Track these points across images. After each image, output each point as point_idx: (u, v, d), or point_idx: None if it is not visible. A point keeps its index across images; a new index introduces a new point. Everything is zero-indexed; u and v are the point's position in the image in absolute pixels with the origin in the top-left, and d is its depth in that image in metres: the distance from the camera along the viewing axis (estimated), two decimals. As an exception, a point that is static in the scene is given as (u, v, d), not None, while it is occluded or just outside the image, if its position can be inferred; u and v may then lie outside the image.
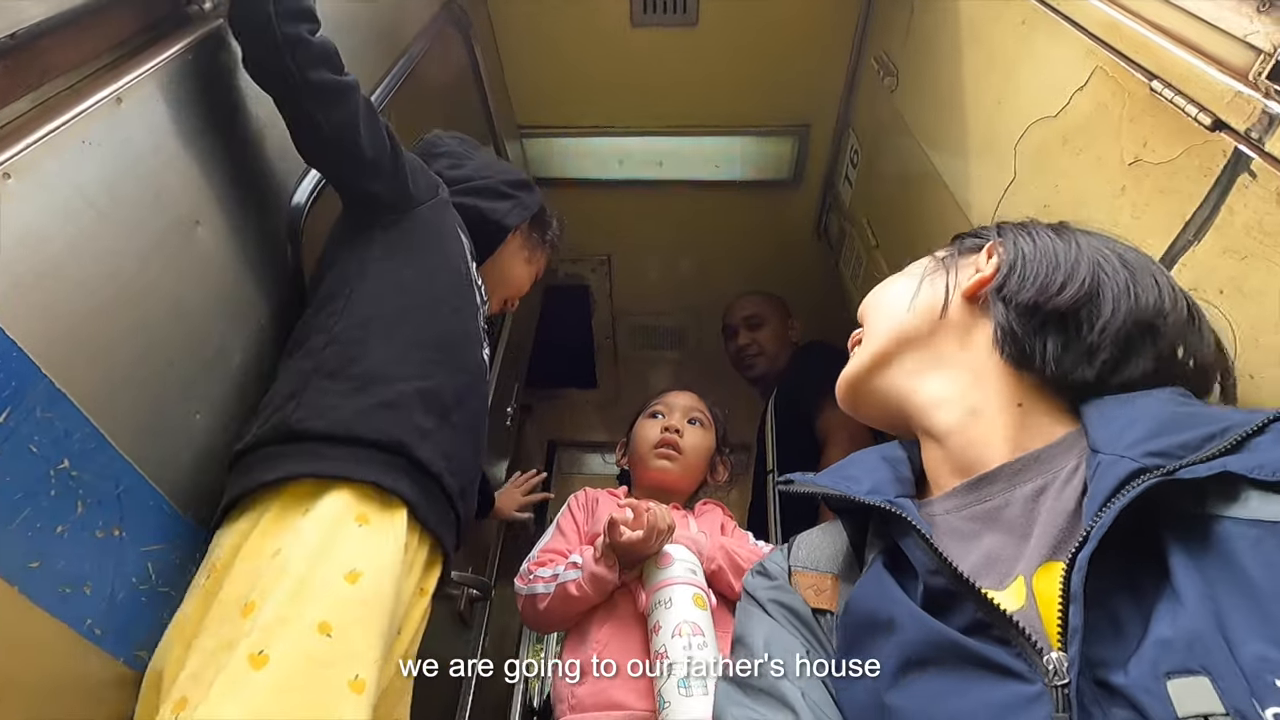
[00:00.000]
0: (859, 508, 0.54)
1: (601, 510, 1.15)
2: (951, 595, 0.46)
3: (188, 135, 0.72)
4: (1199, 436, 0.44)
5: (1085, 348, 0.54)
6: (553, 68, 1.87)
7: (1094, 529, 0.41)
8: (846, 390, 0.65)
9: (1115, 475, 0.43)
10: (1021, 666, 0.41)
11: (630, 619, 1.00)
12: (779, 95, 1.90)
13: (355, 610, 0.64)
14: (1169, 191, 0.72)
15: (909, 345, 0.60)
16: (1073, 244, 0.58)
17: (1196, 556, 0.40)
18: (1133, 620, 0.40)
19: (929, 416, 0.57)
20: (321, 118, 0.79)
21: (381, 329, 0.80)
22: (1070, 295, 0.54)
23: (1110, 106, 0.81)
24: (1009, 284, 0.57)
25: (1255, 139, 0.62)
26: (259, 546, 0.66)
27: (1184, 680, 0.36)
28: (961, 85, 1.21)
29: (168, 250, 0.68)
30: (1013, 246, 0.60)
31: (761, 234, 2.28)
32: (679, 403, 1.32)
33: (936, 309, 0.59)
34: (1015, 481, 0.50)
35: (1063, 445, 0.51)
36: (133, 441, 0.62)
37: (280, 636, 0.59)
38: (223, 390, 0.76)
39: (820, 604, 0.56)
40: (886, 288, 0.66)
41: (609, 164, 2.14)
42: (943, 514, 0.53)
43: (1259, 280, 0.62)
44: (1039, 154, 0.97)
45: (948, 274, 0.62)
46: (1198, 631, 0.37)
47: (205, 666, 0.59)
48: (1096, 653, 0.39)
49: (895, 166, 1.60)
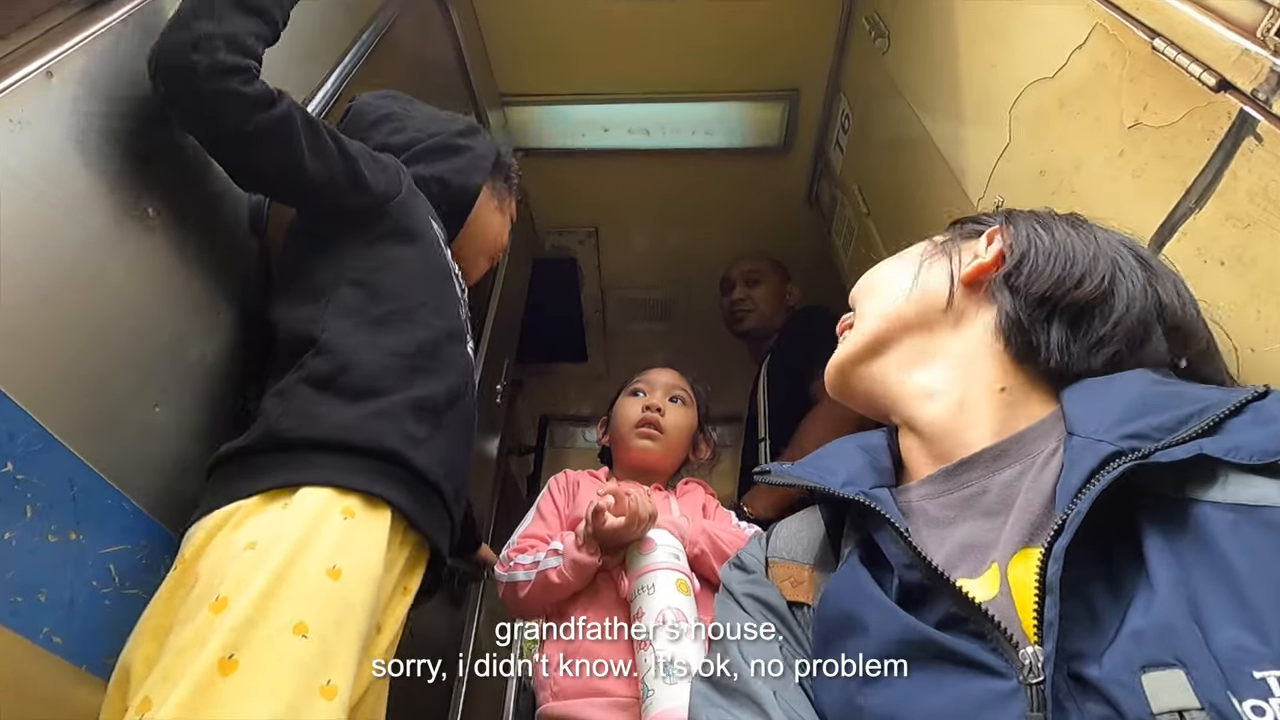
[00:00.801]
0: (836, 498, 0.53)
1: (582, 493, 1.13)
2: (926, 589, 0.45)
3: (133, 112, 0.67)
4: (1175, 418, 0.43)
5: (1094, 341, 0.52)
6: (534, 32, 1.80)
7: (1070, 517, 0.40)
8: (836, 375, 0.63)
9: (1090, 459, 0.42)
10: (996, 661, 0.40)
11: (612, 604, 0.99)
12: (768, 59, 1.84)
13: (335, 610, 0.62)
14: (1170, 156, 0.69)
15: (906, 333, 0.58)
16: (1091, 239, 0.56)
17: (1173, 541, 0.39)
18: (1109, 610, 0.39)
19: (914, 407, 0.56)
20: (263, 162, 0.74)
21: (365, 340, 0.77)
22: (1089, 289, 0.53)
23: (1110, 66, 0.78)
24: (1020, 274, 0.55)
25: (1262, 100, 0.59)
26: (233, 538, 0.64)
27: (1159, 674, 0.35)
28: (955, 46, 1.16)
29: (116, 236, 0.64)
30: (1025, 237, 0.57)
31: (752, 203, 2.23)
32: (660, 380, 1.29)
33: (939, 297, 0.58)
34: (994, 468, 0.50)
35: (1042, 428, 0.50)
36: (86, 439, 0.59)
37: (251, 639, 0.57)
38: (183, 382, 0.73)
39: (797, 596, 0.55)
40: (882, 272, 0.64)
41: (594, 132, 2.08)
42: (919, 501, 0.53)
43: (1262, 249, 0.59)
44: (1035, 117, 0.93)
45: (950, 260, 0.60)
46: (1169, 621, 0.36)
47: (173, 666, 0.56)
48: (1072, 645, 0.38)
49: (887, 132, 1.55)
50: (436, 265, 0.88)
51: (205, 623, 0.58)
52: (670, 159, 2.12)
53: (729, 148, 2.10)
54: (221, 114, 0.69)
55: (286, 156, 0.73)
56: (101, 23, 0.64)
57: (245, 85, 0.69)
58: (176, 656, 0.57)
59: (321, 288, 0.79)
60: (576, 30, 1.77)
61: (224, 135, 0.71)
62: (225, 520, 0.65)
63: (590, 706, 0.93)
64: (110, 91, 0.66)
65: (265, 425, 0.71)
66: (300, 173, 0.75)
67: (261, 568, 0.60)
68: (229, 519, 0.65)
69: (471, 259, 1.04)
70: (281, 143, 0.73)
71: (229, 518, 0.65)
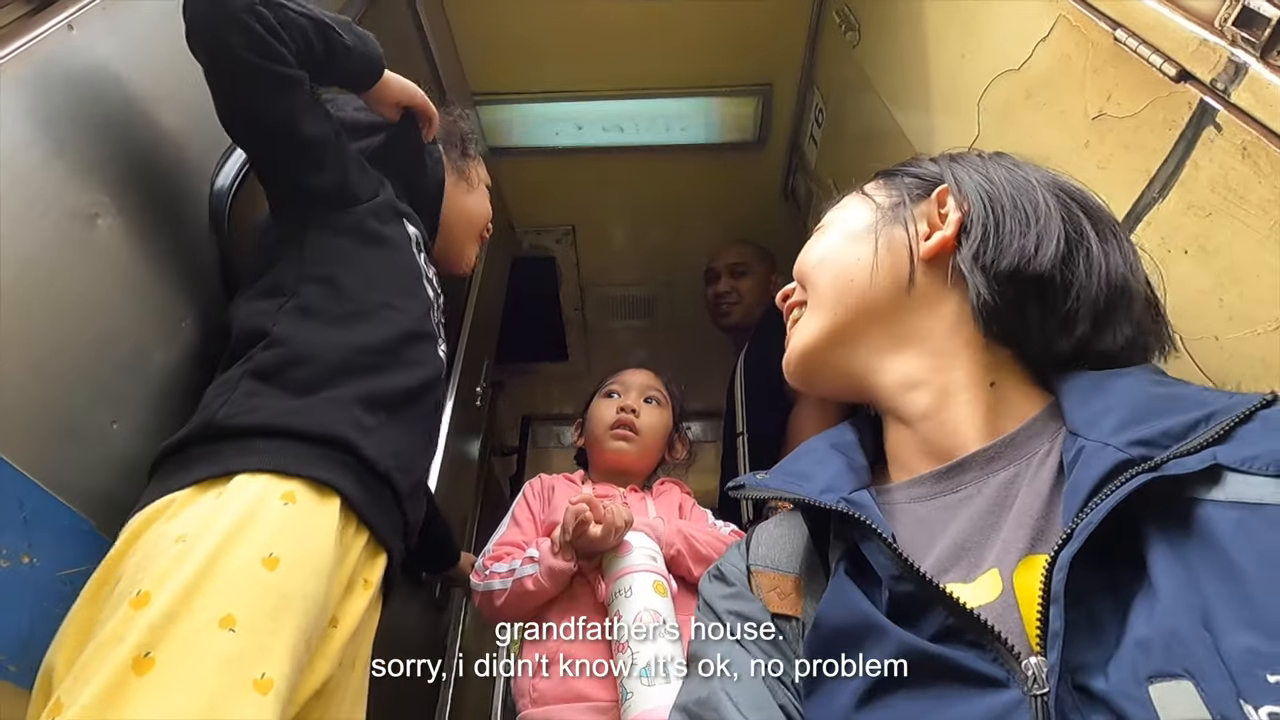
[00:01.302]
0: (817, 506, 0.50)
1: (558, 497, 1.12)
2: (919, 601, 0.43)
3: (75, 117, 0.65)
4: (1183, 424, 0.41)
5: (1062, 317, 0.51)
6: (504, 30, 1.78)
7: (1079, 527, 0.38)
8: (798, 363, 0.59)
9: (1099, 466, 0.41)
10: (997, 672, 0.39)
11: (590, 609, 0.98)
12: (740, 53, 1.84)
13: (269, 600, 0.59)
14: (1133, 146, 0.69)
15: (873, 319, 0.55)
16: (1035, 189, 0.54)
17: (1176, 544, 0.37)
18: (1111, 617, 0.38)
19: (897, 399, 0.54)
20: (264, 106, 0.73)
21: (320, 335, 0.74)
22: (1049, 256, 0.50)
23: (1074, 58, 0.78)
24: (984, 249, 0.52)
25: (1221, 90, 0.59)
26: (164, 531, 0.60)
27: (1166, 684, 0.34)
28: (924, 38, 1.16)
29: (63, 246, 0.62)
30: (975, 197, 0.54)
31: (728, 197, 2.23)
32: (635, 381, 1.29)
33: (902, 279, 0.54)
34: (988, 470, 0.48)
35: (1035, 427, 0.49)
36: (37, 458, 0.57)
37: (169, 635, 0.53)
38: (143, 394, 0.71)
39: (783, 609, 0.52)
40: (833, 244, 0.59)
41: (568, 130, 2.06)
42: (907, 502, 0.51)
43: (1224, 238, 0.60)
44: (1002, 109, 0.94)
45: (906, 231, 0.55)
46: (1175, 629, 0.35)
47: (87, 665, 0.53)
48: (1075, 656, 0.37)
49: (859, 125, 1.56)
50: (405, 267, 0.86)
51: (124, 619, 0.54)
52: (645, 156, 2.11)
53: (704, 143, 2.09)
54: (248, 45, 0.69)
55: (291, 104, 0.74)
56: (48, 24, 0.62)
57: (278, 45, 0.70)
58: (91, 655, 0.53)
59: (282, 286, 0.77)
60: (547, 27, 1.75)
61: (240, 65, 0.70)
62: (158, 514, 0.62)
63: (570, 711, 0.92)
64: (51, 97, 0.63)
65: (203, 416, 0.67)
66: (296, 122, 0.75)
67: (188, 560, 0.57)
68: (161, 512, 0.62)
69: (458, 248, 1.01)
70: (291, 92, 0.74)
71: (161, 511, 0.62)
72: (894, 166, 0.63)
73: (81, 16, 0.66)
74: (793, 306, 0.63)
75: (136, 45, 0.73)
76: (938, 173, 0.59)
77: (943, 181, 0.57)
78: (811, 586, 0.53)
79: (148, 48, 0.74)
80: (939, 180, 0.58)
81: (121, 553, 0.60)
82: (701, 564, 1.01)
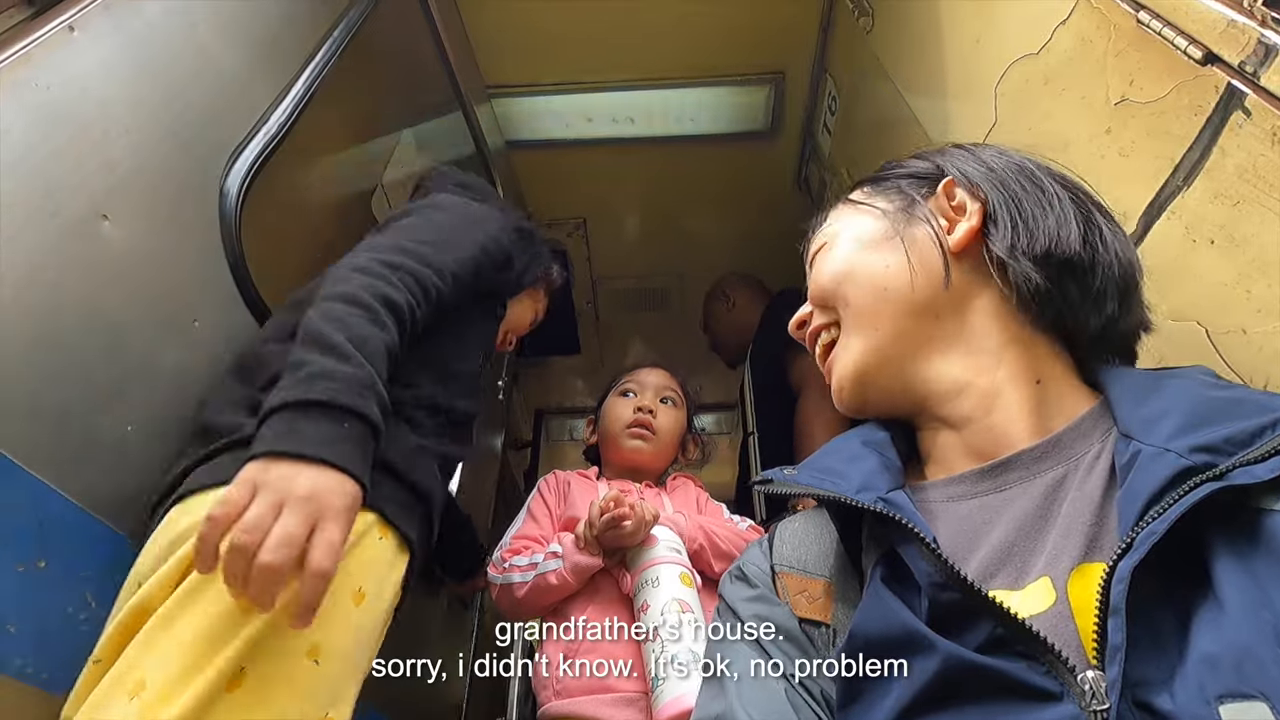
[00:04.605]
0: (850, 505, 0.47)
1: (574, 493, 1.13)
2: (964, 610, 0.40)
3: (79, 119, 0.65)
4: (1247, 430, 0.39)
5: (1095, 296, 0.50)
6: (515, 21, 1.76)
7: (1140, 537, 0.36)
8: (853, 386, 0.55)
9: (1159, 474, 0.38)
10: (1051, 685, 0.36)
11: (613, 601, 0.98)
12: (751, 42, 1.81)
13: (349, 637, 0.59)
14: (1157, 133, 0.67)
15: (917, 325, 0.52)
16: (1036, 172, 0.53)
17: (1244, 557, 0.35)
18: (1171, 631, 0.36)
19: (944, 405, 0.51)
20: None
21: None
22: (1075, 235, 0.49)
23: (1095, 41, 0.75)
24: (1016, 234, 0.50)
25: (1250, 73, 0.57)
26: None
27: (1239, 705, 0.32)
28: (939, 23, 1.14)
29: (69, 250, 0.62)
30: (988, 184, 0.52)
31: (740, 189, 2.20)
32: (651, 381, 1.29)
33: (938, 278, 0.52)
34: (1035, 470, 0.46)
35: (1083, 427, 0.47)
36: (51, 464, 0.58)
37: (264, 653, 0.54)
38: (156, 398, 0.71)
39: (812, 614, 0.49)
40: (860, 257, 0.56)
41: (578, 122, 2.04)
42: (946, 501, 0.48)
43: (1252, 227, 0.58)
44: (1020, 95, 0.91)
45: (931, 227, 0.53)
46: (1247, 646, 0.33)
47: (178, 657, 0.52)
48: (1135, 671, 0.35)
49: (873, 113, 1.53)
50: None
51: (228, 619, 0.54)
52: (656, 147, 2.08)
53: (714, 133, 2.07)
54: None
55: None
56: (49, 26, 0.62)
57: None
58: (190, 646, 0.53)
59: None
60: (557, 17, 1.74)
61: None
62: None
63: (596, 703, 0.92)
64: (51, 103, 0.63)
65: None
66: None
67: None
68: None
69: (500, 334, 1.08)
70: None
71: None
72: (878, 173, 0.61)
73: (83, 18, 0.65)
74: (819, 331, 0.59)
75: (140, 45, 0.73)
76: (934, 167, 0.57)
77: (943, 175, 0.55)
78: (844, 591, 0.50)
79: (151, 47, 0.74)
80: (938, 175, 0.56)
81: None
82: (723, 560, 1.00)
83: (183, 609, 0.55)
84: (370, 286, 0.70)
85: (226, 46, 0.87)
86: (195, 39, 0.82)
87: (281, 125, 0.93)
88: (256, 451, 0.55)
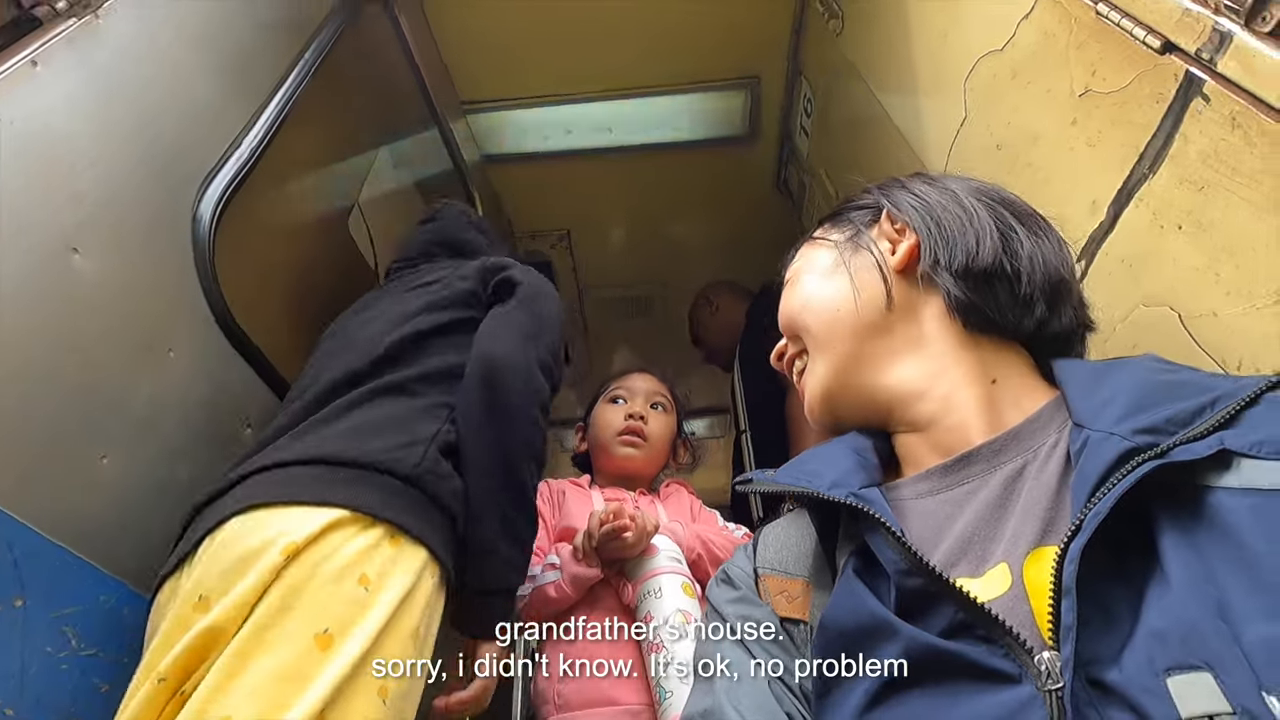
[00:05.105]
0: (825, 503, 0.50)
1: (569, 502, 1.12)
2: (927, 595, 0.42)
3: (44, 153, 0.65)
4: (1188, 410, 0.41)
5: (1022, 301, 0.53)
6: (488, 37, 1.76)
7: (1087, 517, 0.38)
8: (821, 404, 0.59)
9: (1105, 456, 0.40)
10: (1010, 667, 0.38)
11: (612, 611, 0.97)
12: (725, 47, 1.82)
13: (408, 680, 0.61)
14: (1121, 122, 0.68)
15: (869, 340, 0.56)
16: (959, 195, 0.58)
17: (1189, 533, 0.37)
18: (1124, 607, 0.37)
19: (908, 410, 0.54)
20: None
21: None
22: (989, 249, 0.53)
23: (1057, 35, 0.76)
24: (940, 252, 0.54)
25: (1206, 60, 0.58)
26: (344, 558, 0.60)
27: (1185, 676, 0.33)
28: (906, 21, 1.15)
29: (39, 285, 0.62)
30: (913, 211, 0.58)
31: (721, 193, 2.21)
32: (640, 386, 1.28)
33: (881, 296, 0.56)
34: (995, 463, 0.48)
35: (1041, 420, 0.49)
36: (25, 499, 0.57)
37: (344, 695, 0.55)
38: (132, 427, 0.70)
39: (791, 613, 0.52)
40: (810, 289, 0.61)
41: (557, 134, 2.05)
42: (914, 498, 0.50)
43: (1219, 212, 0.58)
44: (989, 89, 0.92)
45: (872, 253, 0.58)
46: (1192, 620, 0.34)
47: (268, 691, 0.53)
48: (1088, 649, 0.36)
49: (848, 113, 1.54)
50: None
51: (309, 656, 0.55)
52: (636, 156, 2.09)
53: (693, 140, 2.08)
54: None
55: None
56: (11, 61, 0.62)
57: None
58: (273, 685, 0.54)
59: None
60: (528, 29, 1.74)
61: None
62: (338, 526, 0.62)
63: (599, 716, 0.91)
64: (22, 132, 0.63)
65: (394, 455, 0.70)
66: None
67: (372, 613, 0.59)
68: (337, 528, 0.62)
69: None
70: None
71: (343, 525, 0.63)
72: (833, 210, 0.67)
73: (45, 52, 0.65)
74: (792, 359, 0.63)
75: (106, 76, 0.72)
76: (875, 199, 0.62)
77: (882, 206, 0.60)
78: (820, 589, 0.52)
79: (118, 77, 0.74)
80: (876, 203, 0.61)
81: (286, 565, 0.59)
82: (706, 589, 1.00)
83: (263, 640, 0.56)
84: (544, 437, 0.84)
85: (196, 72, 0.87)
86: (164, 66, 0.82)
87: (254, 150, 0.93)
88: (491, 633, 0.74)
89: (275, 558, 0.58)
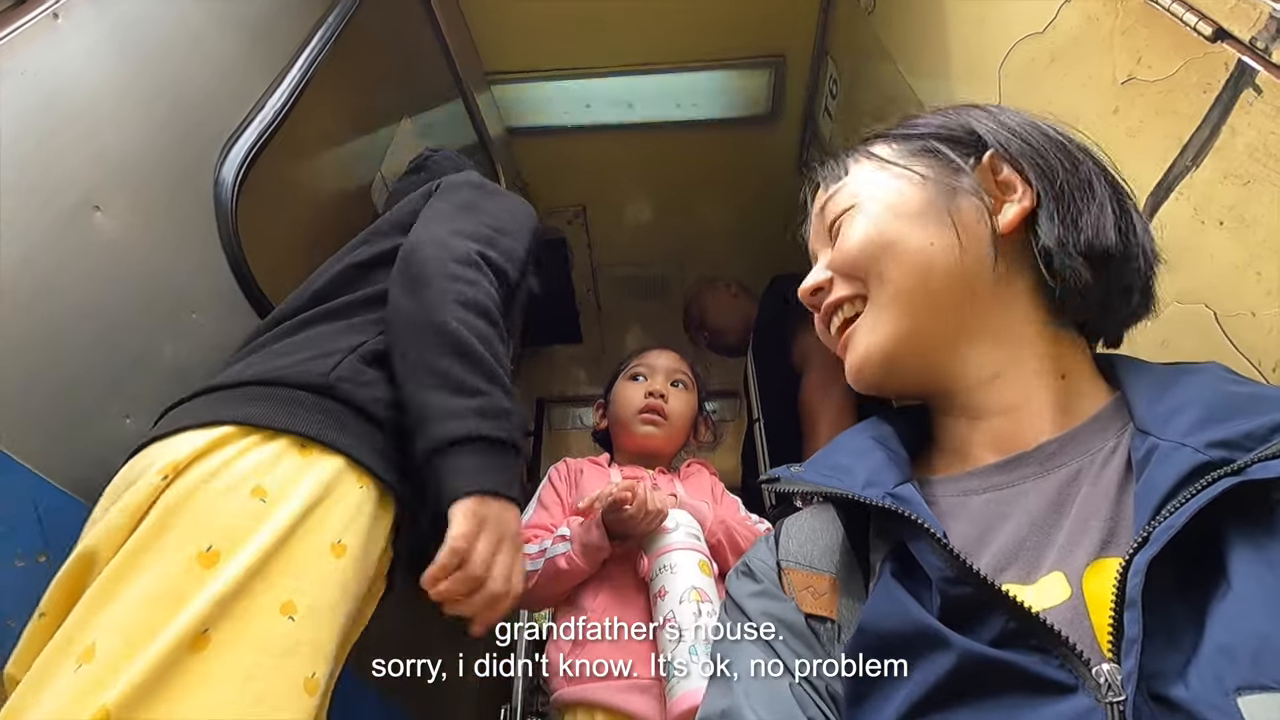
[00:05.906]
0: (855, 501, 0.46)
1: (586, 480, 1.12)
2: (976, 604, 0.40)
3: (66, 109, 0.64)
4: (1266, 425, 0.39)
5: (1123, 289, 0.49)
6: (514, 4, 1.74)
7: (1158, 531, 0.36)
8: (877, 368, 0.51)
9: (1177, 468, 0.38)
10: (1065, 677, 0.36)
11: (626, 586, 0.98)
12: (751, 24, 1.78)
13: (330, 593, 0.55)
14: (1165, 112, 0.66)
15: (956, 309, 0.49)
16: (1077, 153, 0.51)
17: (1262, 549, 0.35)
18: (1186, 622, 0.36)
19: (975, 394, 0.50)
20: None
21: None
22: (1112, 229, 0.47)
23: (1101, 18, 0.74)
24: (1061, 224, 0.48)
25: (1261, 49, 0.56)
26: (235, 471, 0.55)
27: (1258, 697, 0.31)
28: (941, 2, 1.12)
29: (62, 240, 0.62)
30: (1029, 163, 0.49)
31: (741, 174, 2.19)
32: (661, 364, 1.28)
33: (987, 260, 0.48)
34: (1050, 465, 0.46)
35: (1099, 423, 0.46)
36: (50, 457, 0.58)
37: (232, 613, 0.50)
38: (155, 388, 0.70)
39: (818, 609, 0.49)
40: (904, 232, 0.51)
41: (576, 109, 2.02)
42: (958, 495, 0.48)
43: (1262, 208, 0.57)
44: (1025, 75, 0.90)
45: (983, 203, 0.49)
46: (1265, 636, 0.33)
47: (136, 621, 0.48)
48: (1151, 663, 0.35)
49: (876, 95, 1.51)
50: None
51: (188, 575, 0.50)
52: (655, 133, 2.07)
53: (714, 118, 2.05)
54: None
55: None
56: (32, 14, 0.61)
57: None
58: (142, 610, 0.49)
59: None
60: (555, 2, 1.71)
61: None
62: (220, 443, 0.57)
63: (609, 689, 0.92)
64: (42, 89, 0.62)
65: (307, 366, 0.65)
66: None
67: (265, 525, 0.53)
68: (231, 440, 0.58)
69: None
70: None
71: (233, 439, 0.58)
72: (905, 127, 0.57)
73: (67, 5, 0.64)
74: (839, 303, 0.54)
75: (128, 32, 0.72)
76: (968, 132, 0.53)
77: (982, 142, 0.52)
78: (849, 587, 0.49)
79: (140, 35, 0.73)
80: (970, 137, 0.53)
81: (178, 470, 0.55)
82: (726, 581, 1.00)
83: (136, 563, 0.51)
84: (490, 296, 0.75)
85: (218, 33, 0.86)
86: (186, 26, 0.81)
87: (277, 113, 0.92)
88: (472, 489, 0.64)
89: (153, 479, 0.54)
